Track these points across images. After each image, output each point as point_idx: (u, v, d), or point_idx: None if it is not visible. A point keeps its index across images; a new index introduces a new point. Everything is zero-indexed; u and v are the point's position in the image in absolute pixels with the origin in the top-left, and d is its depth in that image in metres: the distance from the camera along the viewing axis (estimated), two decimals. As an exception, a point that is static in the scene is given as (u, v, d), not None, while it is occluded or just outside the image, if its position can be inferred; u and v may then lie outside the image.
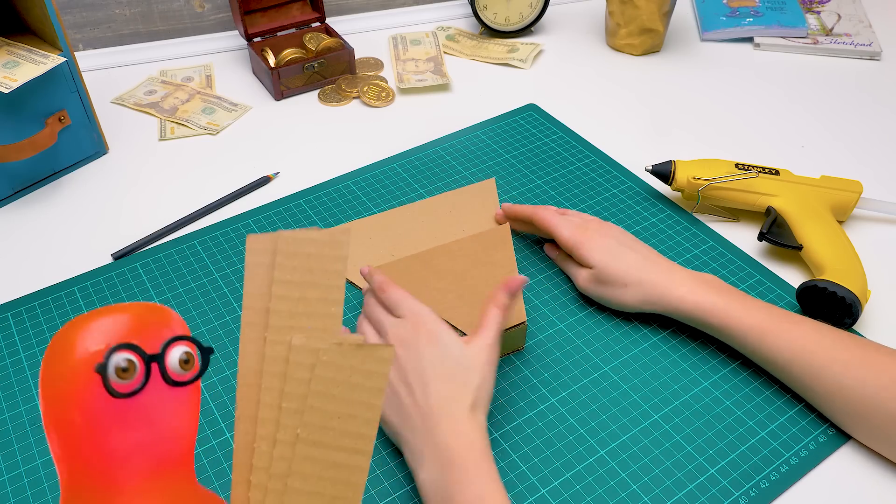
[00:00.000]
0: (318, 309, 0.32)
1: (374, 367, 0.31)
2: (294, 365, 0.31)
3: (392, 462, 0.53)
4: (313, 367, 0.31)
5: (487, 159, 0.81)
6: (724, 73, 0.96)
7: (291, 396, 0.31)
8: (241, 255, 0.69)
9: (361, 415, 0.31)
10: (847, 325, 0.61)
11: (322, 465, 0.31)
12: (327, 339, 0.31)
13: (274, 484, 0.31)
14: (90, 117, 0.78)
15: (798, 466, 0.53)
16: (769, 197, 0.70)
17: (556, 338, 0.62)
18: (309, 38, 0.95)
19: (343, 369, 0.31)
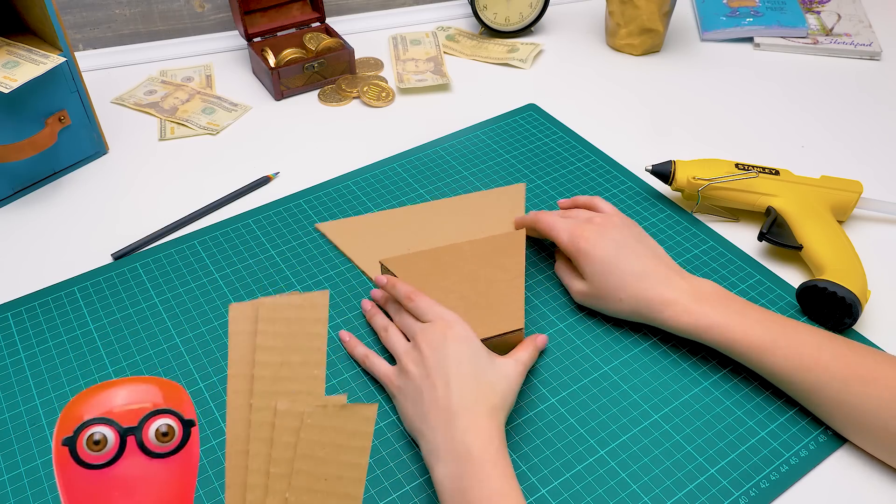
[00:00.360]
0: (300, 372, 0.33)
1: (357, 426, 0.32)
2: (280, 430, 0.32)
3: (392, 462, 0.53)
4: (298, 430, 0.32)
5: (487, 159, 0.81)
6: (724, 73, 0.96)
7: (279, 461, 0.32)
8: (242, 254, 0.69)
9: (348, 475, 0.32)
10: (847, 325, 0.61)
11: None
12: (311, 402, 0.32)
13: None
14: (90, 117, 0.78)
15: (798, 467, 0.53)
16: (769, 197, 0.70)
17: (556, 338, 0.62)
18: (309, 38, 0.95)
19: (328, 431, 0.32)
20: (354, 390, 0.58)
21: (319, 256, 0.69)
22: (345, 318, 0.63)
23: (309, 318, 0.33)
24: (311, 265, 0.68)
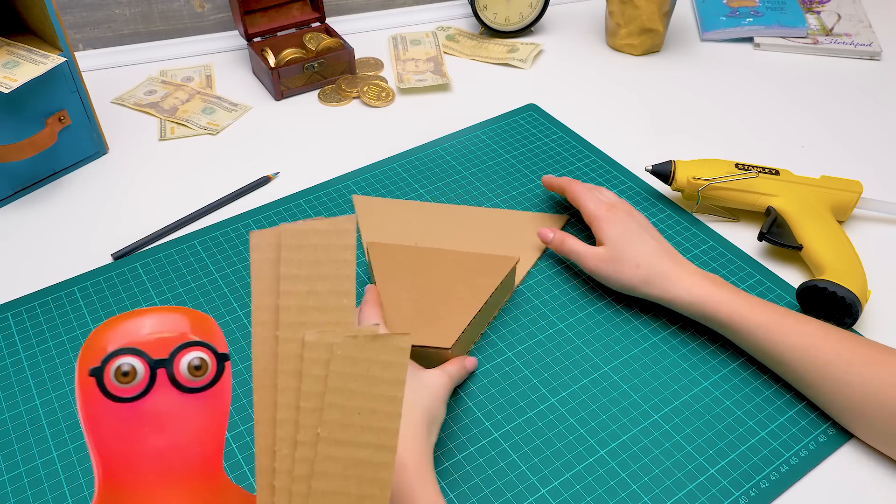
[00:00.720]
0: (329, 302, 0.31)
1: (391, 357, 0.30)
2: (309, 362, 0.30)
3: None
4: (329, 362, 0.30)
5: (487, 159, 0.81)
6: (724, 73, 0.96)
7: (309, 395, 0.30)
8: (242, 254, 0.69)
9: (382, 408, 0.30)
10: (847, 325, 0.61)
11: (346, 464, 0.30)
12: (341, 332, 0.30)
13: (298, 487, 0.30)
14: (90, 117, 0.78)
15: (798, 466, 0.53)
16: (769, 197, 0.70)
17: (556, 338, 0.62)
18: (309, 38, 0.95)
19: (360, 363, 0.30)
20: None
21: (319, 256, 0.69)
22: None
23: (336, 244, 0.31)
24: (311, 265, 0.68)
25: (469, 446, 0.54)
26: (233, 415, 0.55)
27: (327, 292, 0.31)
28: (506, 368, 0.59)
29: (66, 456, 0.53)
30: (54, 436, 0.54)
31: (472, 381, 0.58)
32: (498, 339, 0.61)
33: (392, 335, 0.30)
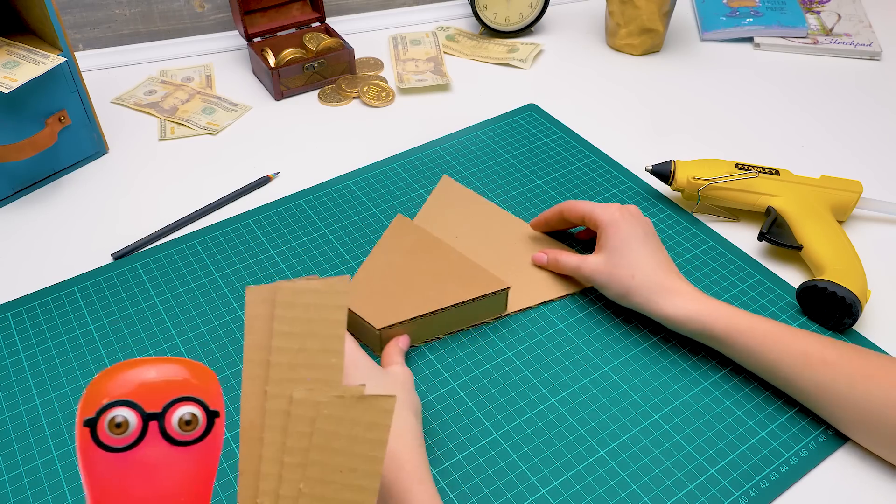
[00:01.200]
0: (318, 360, 0.32)
1: (375, 418, 0.31)
2: (295, 418, 0.31)
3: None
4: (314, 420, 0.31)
5: (487, 159, 0.81)
6: (724, 73, 0.96)
7: (293, 451, 0.31)
8: (242, 254, 0.69)
9: (363, 468, 0.31)
10: (847, 325, 0.61)
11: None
12: (328, 391, 0.31)
13: None
14: (90, 117, 0.78)
15: (798, 467, 0.53)
16: (769, 197, 0.70)
17: (556, 338, 0.62)
18: (309, 38, 0.95)
19: (344, 422, 0.31)
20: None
21: (319, 256, 0.69)
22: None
23: (329, 304, 0.32)
24: (311, 265, 0.68)
25: (469, 446, 0.54)
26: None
27: (317, 350, 0.32)
28: (506, 368, 0.59)
29: (66, 456, 0.53)
30: (54, 436, 0.54)
31: (472, 381, 0.58)
32: (498, 339, 0.61)
33: (377, 397, 0.31)
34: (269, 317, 0.32)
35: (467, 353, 0.60)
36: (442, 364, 0.59)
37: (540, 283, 0.66)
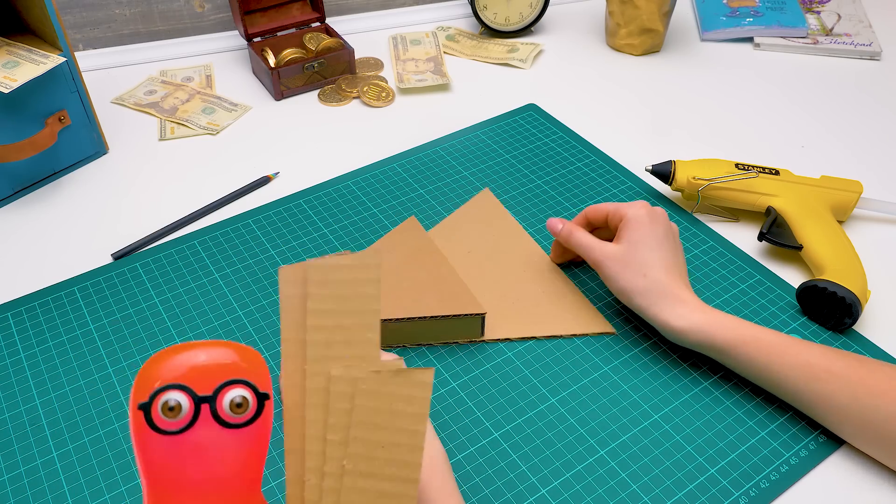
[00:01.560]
0: (354, 336, 0.32)
1: (414, 391, 0.31)
2: (335, 396, 0.31)
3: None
4: (354, 396, 0.31)
5: (487, 159, 0.81)
6: (724, 73, 0.96)
7: (335, 428, 0.31)
8: (242, 254, 0.69)
9: (405, 442, 0.31)
10: (847, 325, 0.61)
11: (370, 496, 0.31)
12: (366, 367, 0.31)
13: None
14: (90, 117, 0.78)
15: (798, 467, 0.53)
16: (769, 197, 0.70)
17: (556, 338, 0.62)
18: (309, 38, 0.95)
19: (383, 397, 0.31)
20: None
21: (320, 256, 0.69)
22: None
23: (361, 278, 0.32)
24: (311, 265, 0.68)
25: (469, 446, 0.54)
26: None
27: (353, 326, 0.32)
28: (506, 368, 0.59)
29: (66, 456, 0.53)
30: (54, 436, 0.54)
31: (472, 381, 0.58)
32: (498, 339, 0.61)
33: (414, 370, 0.31)
34: (303, 296, 0.32)
35: (467, 352, 0.60)
36: (442, 364, 0.59)
37: (531, 318, 0.62)
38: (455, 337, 0.61)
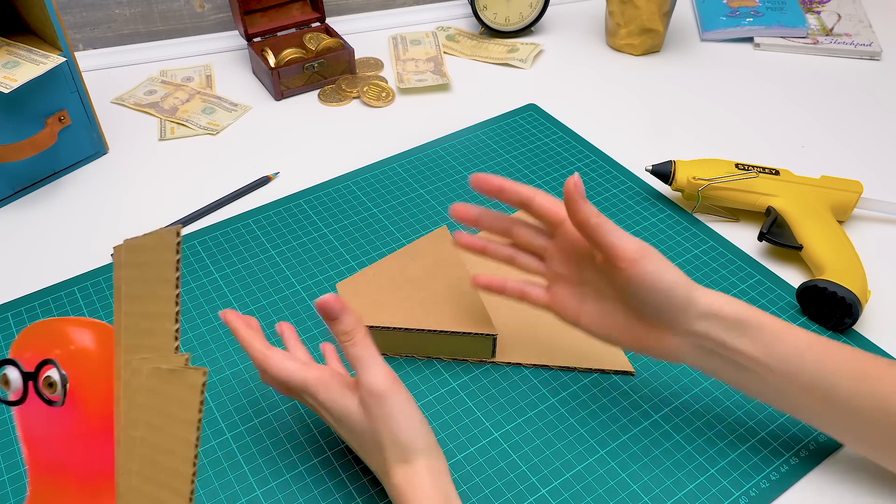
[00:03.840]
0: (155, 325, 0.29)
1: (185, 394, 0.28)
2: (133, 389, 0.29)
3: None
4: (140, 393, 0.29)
5: (487, 159, 0.81)
6: (724, 73, 0.96)
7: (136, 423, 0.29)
8: (242, 254, 0.69)
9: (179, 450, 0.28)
10: (847, 325, 0.61)
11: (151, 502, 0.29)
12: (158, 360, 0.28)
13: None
14: (90, 117, 0.78)
15: (798, 467, 0.53)
16: (769, 197, 0.70)
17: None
18: (309, 38, 0.95)
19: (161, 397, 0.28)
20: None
21: (319, 256, 0.69)
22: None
23: (160, 261, 0.29)
24: (311, 265, 0.68)
25: (469, 446, 0.54)
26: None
27: (155, 314, 0.29)
28: (505, 369, 0.59)
29: (66, 456, 0.53)
30: (54, 436, 0.54)
31: (472, 381, 0.58)
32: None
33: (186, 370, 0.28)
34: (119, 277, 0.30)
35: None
36: (441, 364, 0.59)
37: (548, 346, 0.60)
38: (465, 355, 0.59)
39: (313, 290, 0.65)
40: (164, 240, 0.29)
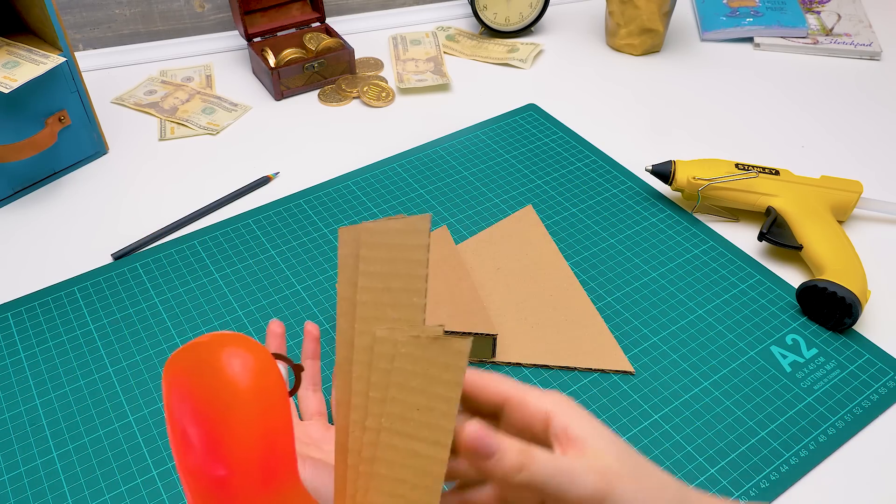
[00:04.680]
0: (400, 299, 0.33)
1: (449, 359, 0.31)
2: (378, 356, 0.32)
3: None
4: (394, 358, 0.32)
5: (487, 159, 0.81)
6: (724, 73, 0.96)
7: (377, 386, 0.32)
8: (242, 254, 0.69)
9: (439, 407, 0.31)
10: (847, 325, 0.61)
11: (403, 454, 0.32)
12: (407, 330, 0.32)
13: (364, 467, 0.32)
14: (90, 117, 0.78)
15: (798, 467, 0.53)
16: (769, 197, 0.70)
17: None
18: (309, 38, 0.95)
19: (420, 362, 0.32)
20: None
21: (319, 256, 0.69)
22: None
23: (409, 243, 0.33)
24: (311, 265, 0.68)
25: (469, 446, 0.54)
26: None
27: (400, 290, 0.33)
28: (505, 369, 0.59)
29: (67, 456, 0.53)
30: (54, 436, 0.54)
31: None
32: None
33: (452, 338, 0.32)
34: (356, 256, 0.33)
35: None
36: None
37: (548, 345, 0.60)
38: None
39: (313, 290, 0.65)
40: (416, 225, 0.33)
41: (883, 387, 0.58)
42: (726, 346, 0.61)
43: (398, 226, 0.33)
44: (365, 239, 0.33)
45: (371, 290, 0.33)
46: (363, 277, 0.33)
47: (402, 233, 0.33)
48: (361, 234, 0.33)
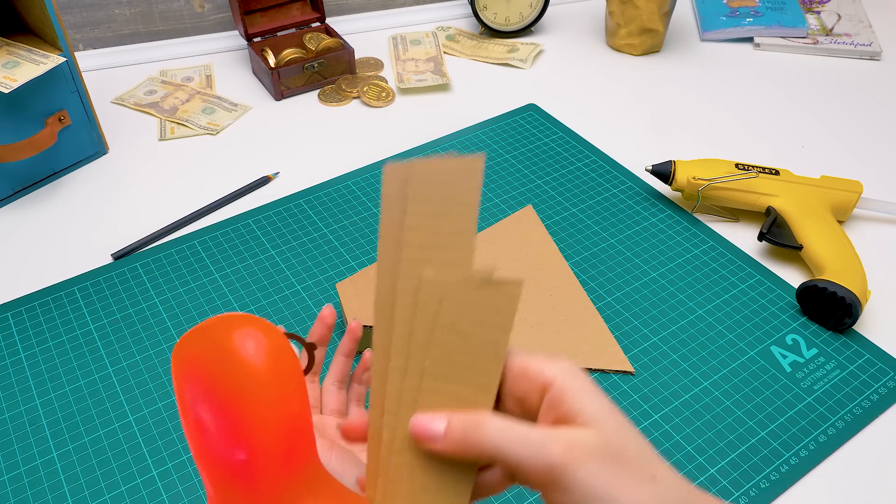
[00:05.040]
0: (449, 240, 0.32)
1: (499, 303, 0.31)
2: (423, 299, 0.31)
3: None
4: (441, 301, 0.31)
5: (487, 159, 0.81)
6: (724, 73, 0.96)
7: (421, 329, 0.31)
8: (242, 254, 0.69)
9: (486, 351, 0.31)
10: (847, 325, 0.61)
11: (447, 398, 0.31)
12: (456, 273, 0.31)
13: (404, 412, 0.31)
14: (90, 117, 0.78)
15: (798, 467, 0.53)
16: (769, 197, 0.70)
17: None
18: (309, 38, 0.95)
19: (469, 305, 0.31)
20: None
21: (319, 256, 0.69)
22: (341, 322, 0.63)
23: (462, 185, 0.32)
24: (312, 265, 0.68)
25: (469, 446, 0.54)
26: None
27: (449, 231, 0.32)
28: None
29: (67, 456, 0.53)
30: (54, 436, 0.54)
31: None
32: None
33: (504, 282, 0.31)
34: (404, 195, 0.32)
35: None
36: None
37: (547, 345, 0.60)
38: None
39: (313, 290, 0.65)
40: (468, 165, 0.31)
41: (883, 387, 0.58)
42: (726, 346, 0.61)
43: (451, 165, 0.32)
44: (416, 177, 0.32)
45: (418, 230, 0.32)
46: (411, 217, 0.32)
47: (455, 172, 0.32)
48: (412, 172, 0.32)
